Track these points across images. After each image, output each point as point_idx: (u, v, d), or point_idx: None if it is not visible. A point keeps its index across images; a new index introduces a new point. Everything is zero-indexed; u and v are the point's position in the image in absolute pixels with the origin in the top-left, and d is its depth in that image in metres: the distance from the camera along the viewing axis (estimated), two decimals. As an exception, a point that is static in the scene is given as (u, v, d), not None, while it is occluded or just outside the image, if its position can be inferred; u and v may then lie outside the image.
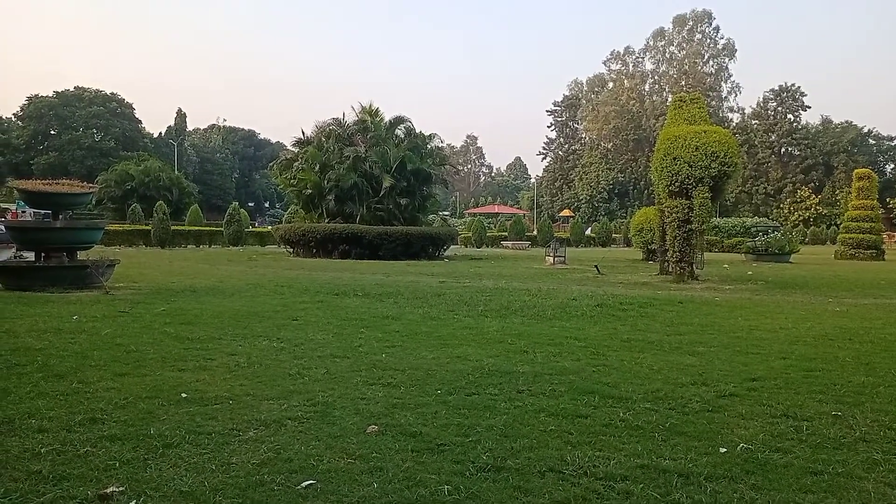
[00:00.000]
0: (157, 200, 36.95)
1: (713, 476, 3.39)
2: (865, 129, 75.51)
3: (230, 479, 3.29)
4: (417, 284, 13.18)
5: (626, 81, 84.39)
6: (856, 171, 34.21)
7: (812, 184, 72.48)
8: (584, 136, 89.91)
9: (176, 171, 63.19)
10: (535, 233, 46.30)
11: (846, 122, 75.75)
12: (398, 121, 28.80)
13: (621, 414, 4.46)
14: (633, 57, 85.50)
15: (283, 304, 10.01)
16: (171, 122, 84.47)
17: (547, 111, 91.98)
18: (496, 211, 72.10)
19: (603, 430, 4.12)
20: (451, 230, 30.59)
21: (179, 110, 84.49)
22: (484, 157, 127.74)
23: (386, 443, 3.86)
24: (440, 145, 31.43)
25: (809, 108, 76.43)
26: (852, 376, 5.55)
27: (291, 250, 26.19)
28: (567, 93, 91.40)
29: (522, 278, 15.78)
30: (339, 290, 11.77)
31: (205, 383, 5.15)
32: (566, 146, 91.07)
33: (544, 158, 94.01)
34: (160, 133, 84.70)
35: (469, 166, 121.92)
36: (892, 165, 75.73)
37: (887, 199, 57.84)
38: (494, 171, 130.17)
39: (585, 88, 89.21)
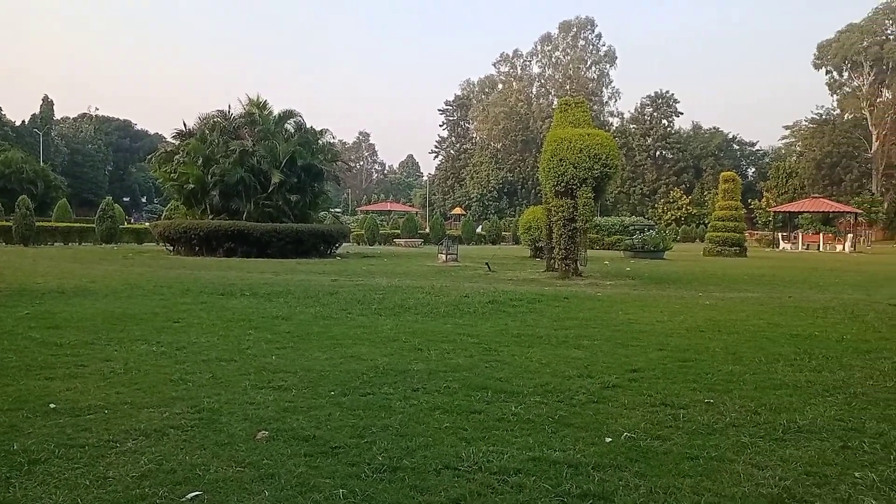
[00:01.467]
0: (20, 194, 33.93)
1: (600, 465, 3.53)
2: (730, 136, 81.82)
3: (107, 495, 3.06)
4: (309, 283, 12.90)
5: (514, 84, 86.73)
6: (722, 174, 37.02)
7: (683, 185, 77.60)
8: (474, 135, 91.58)
9: (41, 163, 58.31)
10: (427, 230, 46.63)
11: (714, 128, 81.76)
12: (288, 115, 28.03)
13: (513, 408, 4.56)
14: (522, 60, 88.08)
15: (163, 305, 9.47)
16: (36, 110, 77.72)
17: (439, 110, 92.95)
18: (389, 208, 71.93)
19: (496, 425, 4.20)
20: (344, 227, 30.19)
21: (46, 97, 77.86)
22: (377, 155, 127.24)
23: (277, 448, 3.73)
24: (332, 141, 30.93)
25: (682, 114, 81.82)
26: (722, 365, 5.98)
27: (172, 248, 24.84)
28: (459, 92, 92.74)
29: (416, 276, 15.84)
30: (225, 290, 11.30)
31: (76, 392, 4.78)
32: (458, 145, 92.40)
33: (436, 157, 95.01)
34: (23, 121, 77.74)
35: (362, 163, 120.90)
36: (753, 169, 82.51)
37: (749, 201, 62.87)
38: (387, 168, 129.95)
39: (476, 89, 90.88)
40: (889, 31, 68.81)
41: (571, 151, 15.12)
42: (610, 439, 3.94)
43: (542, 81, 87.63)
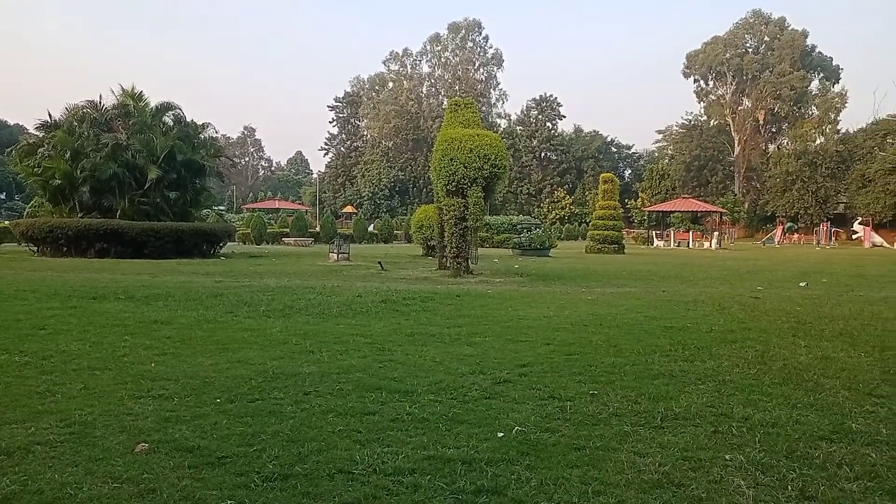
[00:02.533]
0: None
1: (493, 460, 3.59)
2: (609, 139, 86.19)
3: (-42, 525, 2.76)
4: (191, 285, 12.29)
5: (405, 82, 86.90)
6: (601, 175, 38.90)
7: (567, 186, 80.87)
8: (365, 133, 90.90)
9: None
10: (318, 229, 45.78)
11: (594, 131, 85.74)
12: (166, 107, 26.53)
13: (408, 408, 4.55)
14: (412, 59, 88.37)
15: (25, 310, 8.70)
16: None
17: (329, 107, 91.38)
18: (277, 206, 69.89)
19: (391, 426, 4.18)
20: (228, 226, 29.03)
21: None
22: (263, 151, 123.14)
23: (159, 461, 3.52)
24: (215, 135, 29.60)
25: (565, 117, 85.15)
26: (604, 358, 6.27)
27: (36, 249, 22.87)
28: (349, 89, 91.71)
29: (306, 276, 15.49)
30: (97, 294, 10.54)
31: (-79, 411, 4.28)
32: (348, 143, 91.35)
33: (326, 154, 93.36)
34: None
35: (247, 159, 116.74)
36: (630, 171, 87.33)
37: (626, 201, 66.47)
38: (275, 165, 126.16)
39: (367, 86, 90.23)
40: (748, 45, 75.00)
41: (462, 151, 15.33)
42: (502, 434, 4.02)
43: (432, 81, 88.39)
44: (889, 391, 5.05)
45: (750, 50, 74.48)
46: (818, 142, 71.04)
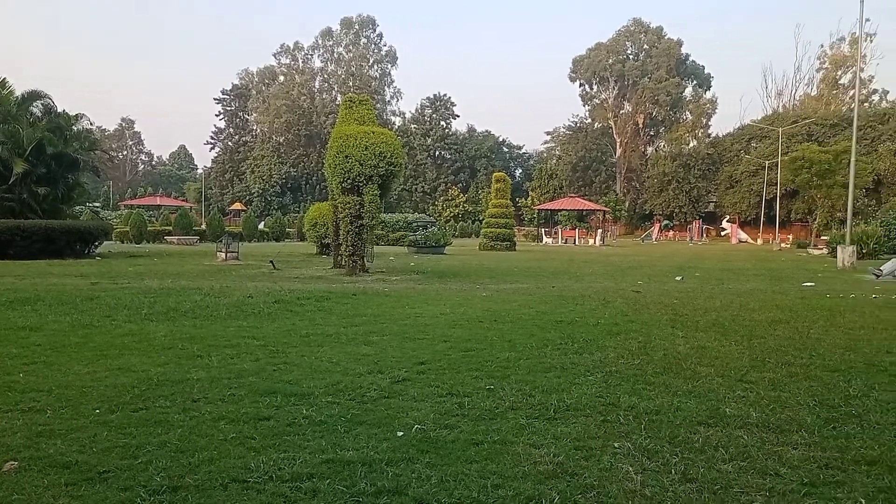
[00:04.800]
0: None
1: (393, 460, 3.58)
2: (501, 139, 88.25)
3: None
4: (63, 287, 11.41)
5: (296, 77, 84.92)
6: (494, 174, 39.77)
7: (461, 184, 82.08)
8: (255, 127, 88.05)
9: None
10: (204, 227, 43.83)
11: (486, 131, 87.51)
12: (34, 96, 24.45)
13: (304, 411, 4.45)
14: (303, 53, 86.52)
15: None
16: None
17: (215, 99, 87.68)
18: (158, 203, 66.30)
19: (287, 430, 4.06)
20: (104, 224, 27.18)
21: None
22: (143, 144, 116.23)
23: (31, 480, 3.24)
24: (89, 127, 27.64)
25: (458, 116, 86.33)
26: (499, 353, 6.41)
27: None
28: (237, 82, 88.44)
29: (192, 276, 14.79)
30: (-46, 299, 9.57)
31: None
32: (237, 137, 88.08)
33: (213, 148, 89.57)
34: None
35: (125, 153, 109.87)
36: (521, 170, 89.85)
37: (517, 199, 68.37)
38: (156, 159, 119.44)
39: (256, 79, 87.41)
40: (629, 52, 79.12)
41: (357, 149, 15.19)
42: (402, 433, 4.01)
43: (325, 76, 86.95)
44: (757, 377, 5.49)
45: (631, 57, 78.61)
46: (691, 145, 76.22)
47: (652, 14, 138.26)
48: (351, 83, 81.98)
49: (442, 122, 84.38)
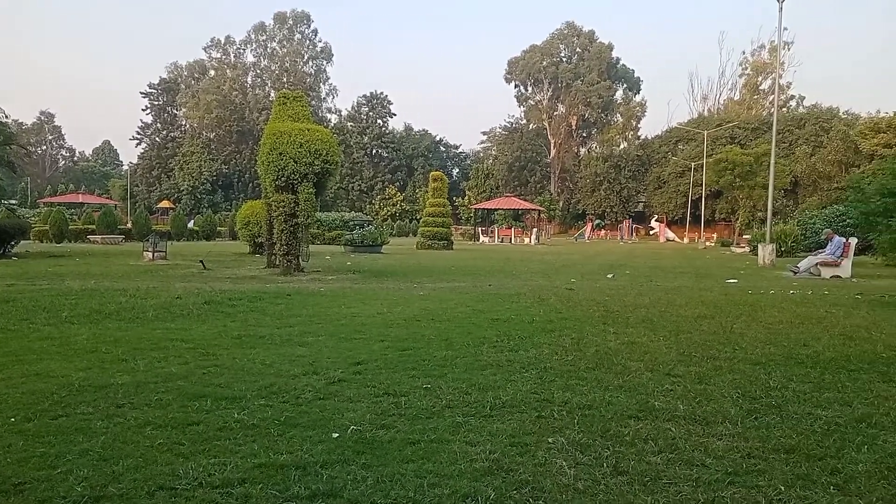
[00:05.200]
0: None
1: (328, 462, 3.53)
2: (438, 138, 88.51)
3: None
4: (-25, 289, 10.76)
5: (228, 71, 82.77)
6: (431, 173, 39.84)
7: (398, 183, 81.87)
8: (184, 123, 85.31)
9: None
10: (129, 226, 42.16)
11: (424, 130, 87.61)
12: (-60, 85, 22.99)
13: (236, 415, 4.33)
14: (235, 47, 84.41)
15: None
16: None
17: (142, 93, 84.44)
18: (81, 200, 63.36)
19: (217, 435, 3.95)
20: (21, 222, 25.78)
21: None
22: (64, 139, 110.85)
23: (-65, 496, 3.03)
24: (4, 120, 26.15)
25: (395, 115, 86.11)
26: (437, 351, 6.42)
27: None
28: (165, 75, 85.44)
29: (117, 277, 14.20)
30: None
31: None
32: (164, 132, 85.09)
33: (139, 144, 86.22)
34: None
35: (45, 148, 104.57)
36: (458, 170, 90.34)
37: (454, 198, 68.70)
38: (78, 154, 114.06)
39: (185, 73, 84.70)
40: (563, 54, 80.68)
41: (292, 146, 14.91)
42: (337, 434, 3.96)
43: (258, 72, 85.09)
44: (684, 371, 5.68)
45: (564, 59, 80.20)
46: (622, 146, 78.47)
47: (584, 18, 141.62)
48: (285, 79, 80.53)
49: (379, 121, 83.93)
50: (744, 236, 43.52)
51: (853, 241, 18.50)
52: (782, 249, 28.73)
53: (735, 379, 5.39)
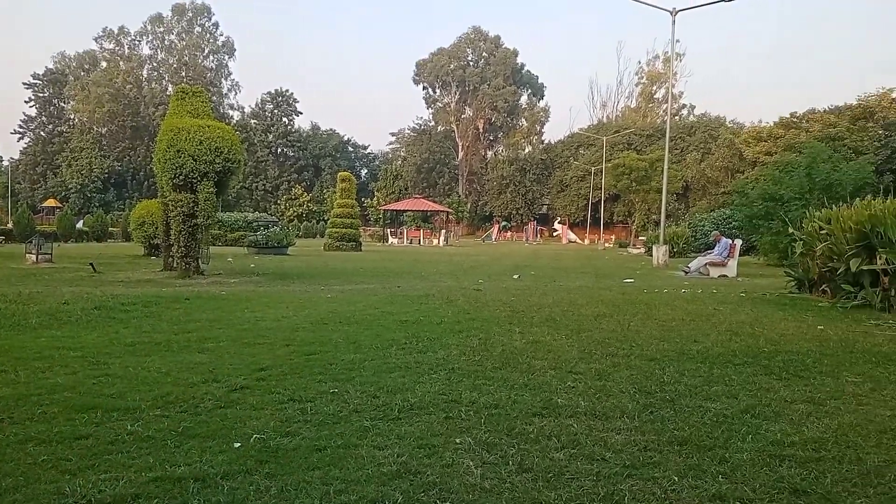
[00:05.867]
0: None
1: (229, 473, 3.40)
2: (346, 138, 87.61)
3: None
4: None
5: (121, 63, 78.50)
6: (339, 173, 39.39)
7: (304, 183, 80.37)
8: (73, 117, 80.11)
9: None
10: (10, 226, 39.11)
11: (331, 129, 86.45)
12: None
13: (129, 426, 4.09)
14: (129, 39, 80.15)
15: None
16: None
17: (25, 84, 78.58)
18: (-47, 198, 58.23)
19: (109, 449, 3.71)
20: None
21: None
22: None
23: None
24: None
25: (301, 113, 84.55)
26: (344, 355, 6.32)
27: None
28: (51, 66, 79.89)
29: (-6, 281, 13.13)
30: None
31: None
32: (50, 126, 79.55)
33: (21, 138, 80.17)
34: None
35: None
36: (366, 171, 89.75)
37: (363, 199, 68.15)
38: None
39: (74, 64, 79.58)
40: (470, 58, 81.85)
41: (191, 143, 14.32)
42: (239, 444, 3.82)
43: (155, 65, 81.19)
44: (585, 368, 5.88)
45: (471, 63, 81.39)
46: (527, 150, 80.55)
47: (490, 24, 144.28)
48: (184, 73, 77.30)
49: (284, 119, 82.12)
50: (639, 238, 45.75)
51: (738, 242, 19.82)
52: (675, 250, 30.39)
53: (632, 375, 5.63)
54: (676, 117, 72.49)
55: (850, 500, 3.13)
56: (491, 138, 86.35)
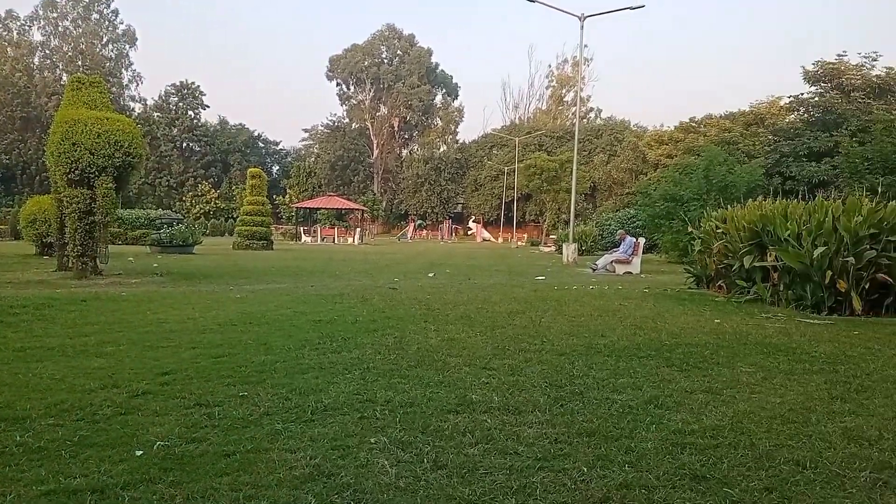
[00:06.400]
0: None
1: (130, 483, 3.22)
2: (256, 133, 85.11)
3: None
4: None
5: (9, 50, 73.02)
6: (249, 169, 38.23)
7: (212, 179, 77.53)
8: (-48, 105, 73.83)
9: None
10: None
11: (240, 124, 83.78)
12: None
13: (18, 437, 3.82)
14: (19, 24, 74.70)
15: None
16: None
17: None
18: None
19: (-6, 463, 3.44)
20: None
21: None
22: None
23: None
24: None
25: (209, 107, 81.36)
26: (254, 357, 6.14)
27: None
28: (-74, 49, 73.29)
29: None
30: None
31: None
32: (-74, 115, 73.02)
33: None
34: None
35: None
36: (278, 167, 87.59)
37: (275, 196, 66.54)
38: None
39: (-47, 48, 73.35)
40: (384, 56, 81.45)
41: (88, 136, 13.52)
42: (141, 452, 3.63)
43: (47, 52, 76.01)
44: (498, 364, 5.97)
45: (385, 61, 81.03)
46: (442, 149, 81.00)
47: (405, 22, 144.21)
48: (80, 62, 72.83)
49: (190, 112, 78.83)
50: (550, 236, 47.05)
51: (642, 240, 20.72)
52: (583, 248, 31.44)
53: (544, 370, 5.77)
54: (585, 120, 74.91)
55: (744, 483, 3.32)
56: (406, 137, 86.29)
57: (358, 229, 50.24)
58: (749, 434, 4.07)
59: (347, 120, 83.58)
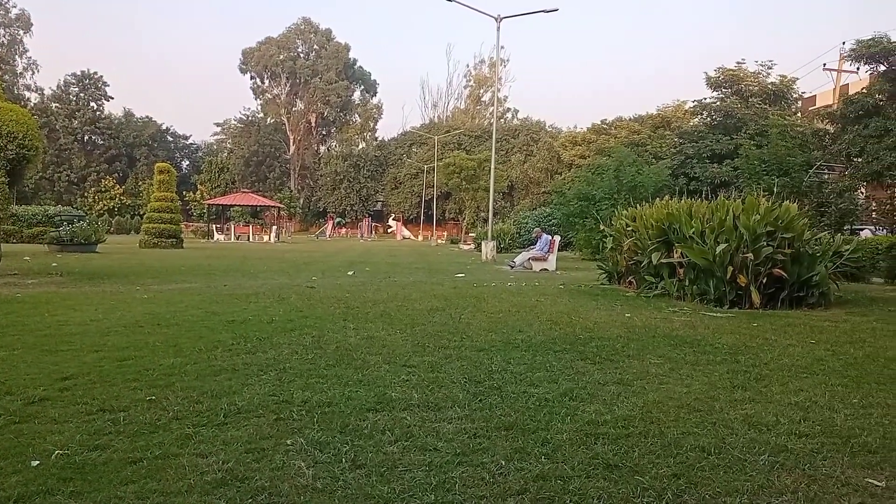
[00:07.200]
0: None
1: (25, 496, 3.01)
2: (164, 126, 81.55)
3: None
4: None
5: None
6: (157, 164, 36.58)
7: (117, 174, 73.78)
8: None
9: None
10: None
11: (147, 117, 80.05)
12: None
13: None
14: None
15: None
16: None
17: None
18: None
19: None
20: None
21: None
22: None
23: None
24: None
25: (112, 98, 77.39)
26: (163, 359, 5.87)
27: None
28: None
29: None
30: None
31: None
32: None
33: None
34: None
35: None
36: (188, 162, 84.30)
37: (185, 193, 64.02)
38: None
39: None
40: (300, 50, 79.88)
41: (-25, 125, 12.55)
42: (38, 462, 3.40)
43: (-71, 34, 70.19)
44: (418, 361, 5.97)
45: (302, 55, 79.49)
46: (360, 146, 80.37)
47: (321, 16, 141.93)
48: (-32, 47, 67.57)
49: (92, 103, 74.76)
50: (470, 234, 47.57)
51: (557, 238, 21.26)
52: (502, 246, 31.95)
53: (463, 366, 5.81)
54: (502, 120, 76.13)
55: (654, 470, 3.46)
56: (324, 133, 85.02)
57: (274, 227, 49.08)
58: (658, 423, 4.24)
59: (262, 114, 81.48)
